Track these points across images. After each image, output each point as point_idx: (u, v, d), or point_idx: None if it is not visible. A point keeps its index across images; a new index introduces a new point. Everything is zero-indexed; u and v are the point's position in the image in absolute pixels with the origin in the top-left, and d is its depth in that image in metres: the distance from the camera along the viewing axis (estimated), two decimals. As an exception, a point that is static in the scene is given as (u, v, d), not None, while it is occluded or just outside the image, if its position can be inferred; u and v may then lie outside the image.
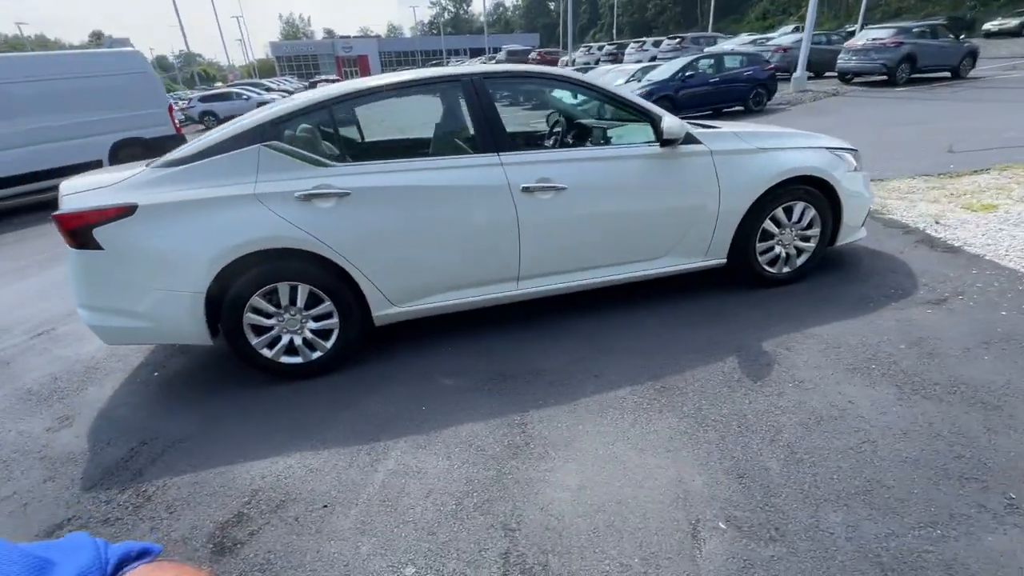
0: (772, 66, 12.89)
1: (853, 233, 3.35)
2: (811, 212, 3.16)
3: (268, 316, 2.55)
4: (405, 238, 2.58)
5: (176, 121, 10.07)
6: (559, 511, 1.76)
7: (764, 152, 3.01)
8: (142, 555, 0.43)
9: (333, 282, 2.56)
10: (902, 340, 2.58)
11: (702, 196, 2.92)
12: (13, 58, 8.28)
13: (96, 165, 8.60)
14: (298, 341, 2.64)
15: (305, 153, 2.52)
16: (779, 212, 3.11)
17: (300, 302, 2.56)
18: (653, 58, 21.14)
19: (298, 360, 2.67)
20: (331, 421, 2.36)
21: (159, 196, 2.37)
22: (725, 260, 3.13)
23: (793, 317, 2.91)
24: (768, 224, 3.12)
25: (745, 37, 24.50)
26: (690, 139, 2.87)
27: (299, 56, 60.15)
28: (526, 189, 2.63)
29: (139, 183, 2.42)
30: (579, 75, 2.96)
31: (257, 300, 2.50)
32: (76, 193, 2.43)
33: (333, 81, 21.65)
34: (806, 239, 3.25)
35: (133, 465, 2.19)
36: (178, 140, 9.54)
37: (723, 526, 1.65)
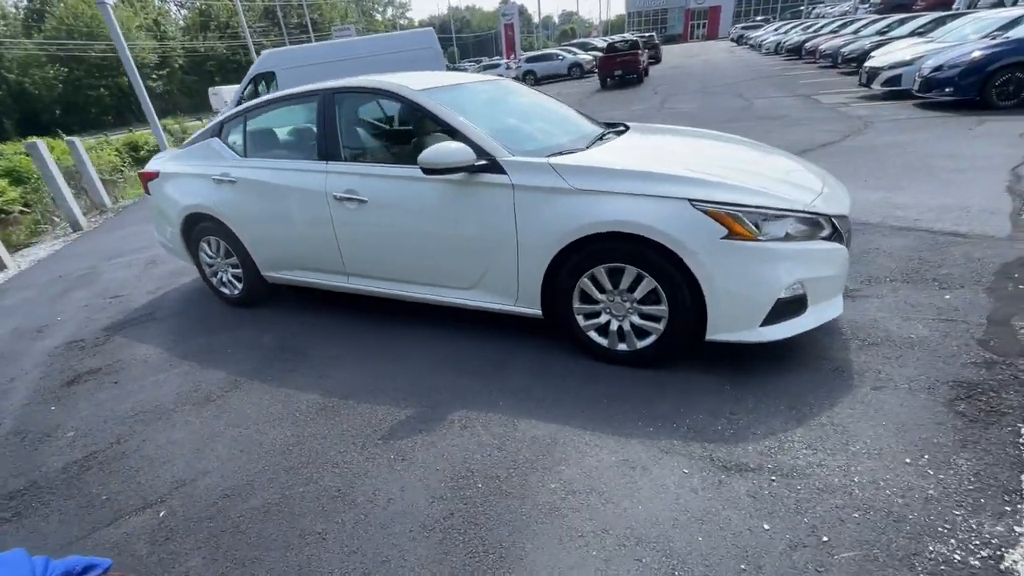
0: None
1: (749, 331, 2.25)
2: (650, 283, 2.32)
3: (211, 253, 3.74)
4: (263, 221, 3.32)
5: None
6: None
7: (584, 194, 2.36)
8: (88, 570, 0.43)
9: (230, 247, 3.56)
10: None
11: (497, 234, 2.56)
12: (339, 42, 11.83)
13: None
14: (226, 278, 3.78)
15: (228, 147, 3.48)
16: (601, 273, 2.41)
17: (219, 250, 3.65)
18: None
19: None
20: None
21: (167, 167, 3.77)
22: (540, 313, 2.66)
23: (559, 415, 2.36)
24: (587, 285, 2.47)
25: None
26: (494, 167, 2.53)
27: (648, 11, 60.34)
28: (336, 197, 2.94)
29: (167, 157, 3.87)
30: (410, 90, 2.86)
31: (204, 243, 3.71)
32: (154, 159, 4.06)
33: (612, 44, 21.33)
34: (650, 317, 2.41)
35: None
36: None
37: None
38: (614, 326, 2.50)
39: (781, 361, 2.43)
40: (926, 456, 1.80)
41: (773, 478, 1.80)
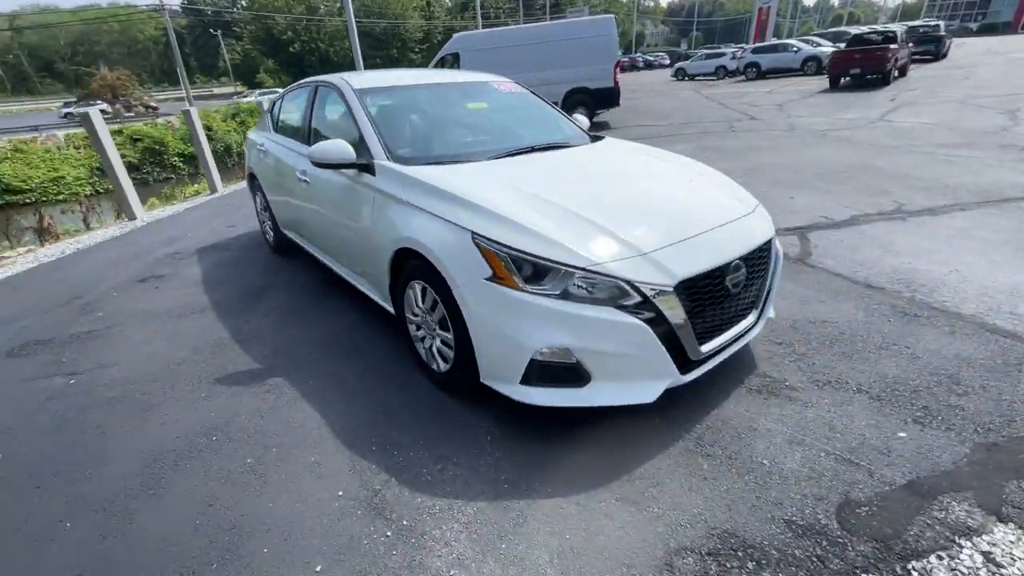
0: None
1: (511, 386, 2.02)
2: (442, 308, 2.23)
3: (258, 208, 4.67)
4: (274, 187, 4.03)
5: (617, 76, 12.07)
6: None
7: (406, 207, 2.35)
8: None
9: (265, 202, 4.40)
10: None
11: (365, 230, 2.70)
12: (523, 28, 12.30)
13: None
14: (266, 228, 4.68)
15: (271, 121, 4.26)
16: (415, 287, 2.40)
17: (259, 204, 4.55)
18: None
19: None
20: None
21: (255, 137, 4.74)
22: (394, 312, 2.76)
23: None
24: (410, 296, 2.47)
25: None
26: (369, 169, 2.66)
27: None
28: (298, 176, 3.44)
29: (260, 128, 4.87)
30: (348, 87, 3.05)
31: (254, 198, 4.67)
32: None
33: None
34: (447, 343, 2.31)
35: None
36: (612, 92, 11.81)
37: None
38: (427, 344, 2.48)
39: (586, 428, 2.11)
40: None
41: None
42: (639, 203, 2.29)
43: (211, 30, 61.12)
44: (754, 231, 2.28)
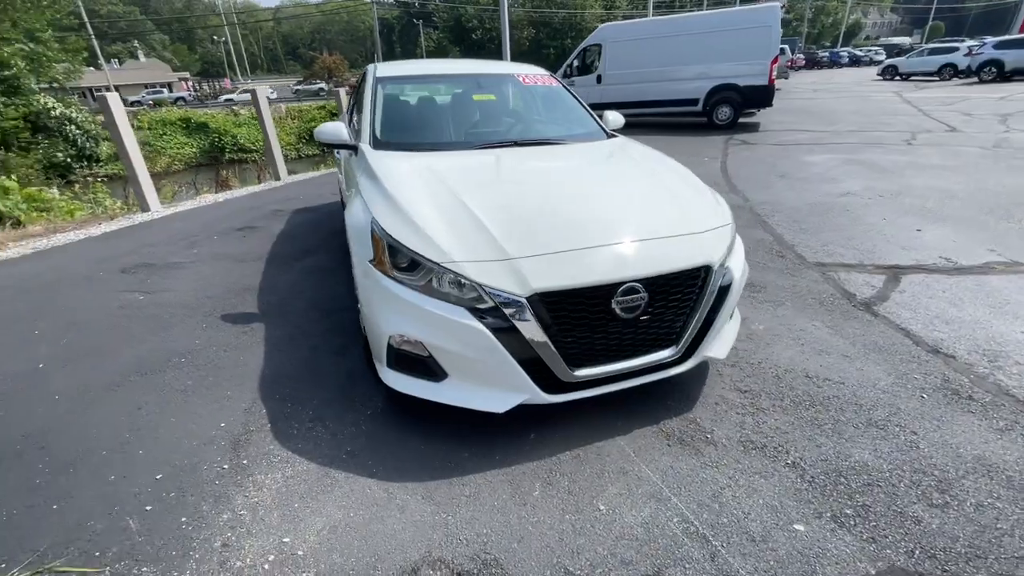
0: None
1: (380, 365, 2.08)
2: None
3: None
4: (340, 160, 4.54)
5: (774, 73, 10.75)
6: (196, 270, 4.08)
7: (361, 187, 2.51)
8: None
9: None
10: None
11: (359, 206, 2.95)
12: (670, 18, 11.48)
13: (692, 104, 11.22)
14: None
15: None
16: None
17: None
18: None
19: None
20: (306, 228, 5.11)
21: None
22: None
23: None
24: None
25: None
26: (356, 149, 2.90)
27: None
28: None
29: (351, 106, 5.50)
30: (372, 75, 3.28)
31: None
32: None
33: None
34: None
35: (307, 209, 5.87)
36: (765, 90, 10.61)
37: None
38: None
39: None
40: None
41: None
42: (556, 209, 2.14)
43: (414, 20, 68.37)
44: (679, 254, 1.98)
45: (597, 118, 3.35)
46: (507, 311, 1.78)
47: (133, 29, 65.69)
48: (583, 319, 1.86)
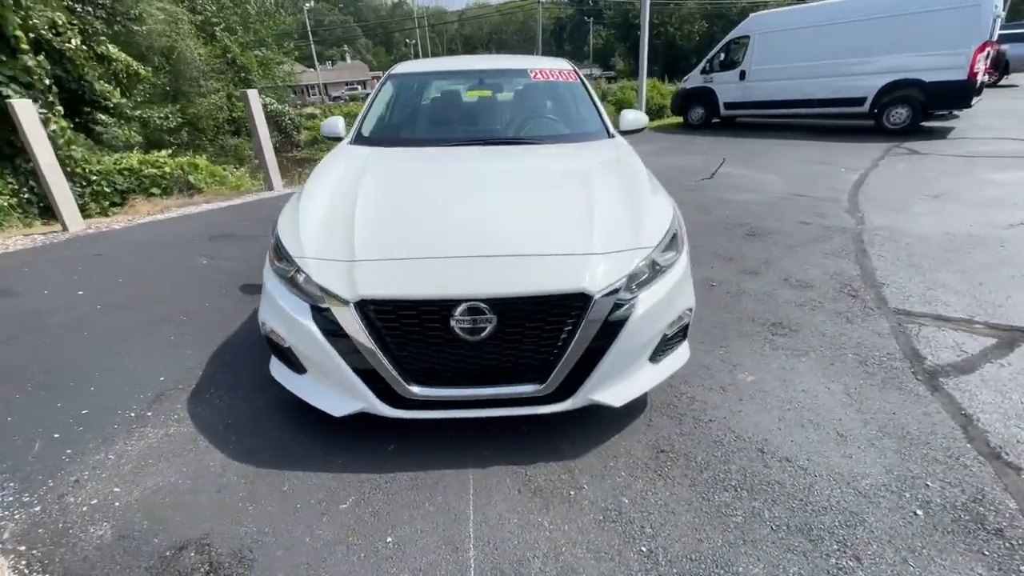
0: None
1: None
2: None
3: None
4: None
5: (978, 65, 8.52)
6: (262, 243, 4.68)
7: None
8: None
9: None
10: None
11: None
12: (832, 3, 9.63)
13: (856, 104, 9.40)
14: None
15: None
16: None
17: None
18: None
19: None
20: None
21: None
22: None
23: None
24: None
25: None
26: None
27: None
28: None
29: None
30: (396, 70, 3.35)
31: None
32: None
33: None
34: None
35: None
36: (962, 87, 8.51)
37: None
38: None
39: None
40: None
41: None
42: (454, 215, 2.02)
43: (585, 17, 68.53)
44: (542, 276, 1.70)
45: (602, 117, 3.01)
46: (336, 313, 1.71)
47: (346, 35, 77.07)
48: (417, 335, 1.71)
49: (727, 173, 6.90)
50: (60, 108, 7.82)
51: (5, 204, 6.72)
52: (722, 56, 11.27)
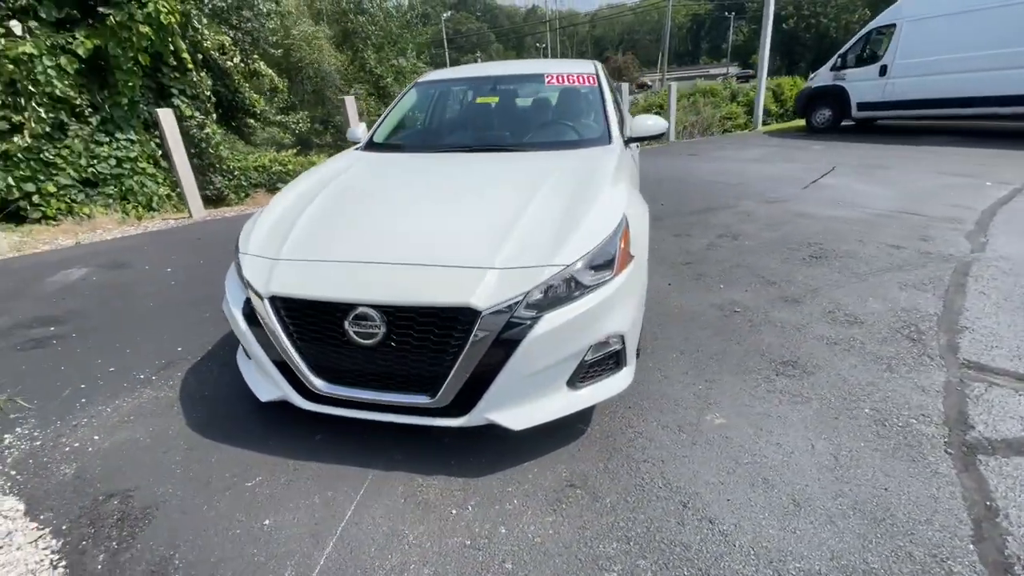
0: None
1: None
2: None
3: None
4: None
5: None
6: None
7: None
8: None
9: None
10: None
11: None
12: None
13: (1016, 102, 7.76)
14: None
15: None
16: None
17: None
18: None
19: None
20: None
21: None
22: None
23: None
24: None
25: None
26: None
27: None
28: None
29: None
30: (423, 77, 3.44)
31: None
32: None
33: None
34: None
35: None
36: None
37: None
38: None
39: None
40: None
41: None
42: (399, 220, 2.08)
43: (727, 12, 64.03)
44: (428, 288, 1.67)
45: (607, 123, 2.82)
46: (256, 307, 1.86)
47: (480, 40, 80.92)
48: (317, 334, 1.79)
49: (827, 184, 6.04)
50: (214, 115, 9.35)
51: (164, 194, 8.22)
52: (859, 49, 9.83)
